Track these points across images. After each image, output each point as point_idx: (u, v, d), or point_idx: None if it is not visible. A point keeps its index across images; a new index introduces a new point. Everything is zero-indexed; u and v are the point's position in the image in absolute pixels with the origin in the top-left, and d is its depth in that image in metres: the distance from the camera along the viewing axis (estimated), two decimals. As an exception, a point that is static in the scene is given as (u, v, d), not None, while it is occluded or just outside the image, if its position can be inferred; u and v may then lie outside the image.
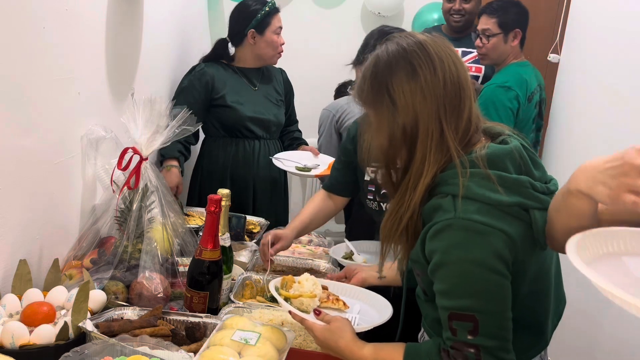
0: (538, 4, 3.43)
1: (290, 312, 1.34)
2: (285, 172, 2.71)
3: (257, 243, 2.10)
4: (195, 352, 1.27)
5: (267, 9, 2.51)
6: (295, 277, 1.49)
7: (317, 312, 1.33)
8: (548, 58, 2.94)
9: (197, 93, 2.48)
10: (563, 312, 1.32)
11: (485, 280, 1.05)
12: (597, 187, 0.89)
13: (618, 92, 2.01)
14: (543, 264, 1.18)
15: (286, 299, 1.40)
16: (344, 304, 1.51)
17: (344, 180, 1.92)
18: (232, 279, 1.67)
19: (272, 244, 1.79)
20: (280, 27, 2.57)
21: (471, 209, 1.07)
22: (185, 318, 1.43)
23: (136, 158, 1.65)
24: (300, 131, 2.82)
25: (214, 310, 1.52)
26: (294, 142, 2.74)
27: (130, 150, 1.65)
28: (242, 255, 1.95)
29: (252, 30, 2.51)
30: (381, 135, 1.17)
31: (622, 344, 1.77)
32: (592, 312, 1.99)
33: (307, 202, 1.96)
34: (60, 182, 1.62)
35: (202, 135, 2.63)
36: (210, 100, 2.51)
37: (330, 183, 1.96)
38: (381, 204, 1.84)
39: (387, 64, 1.15)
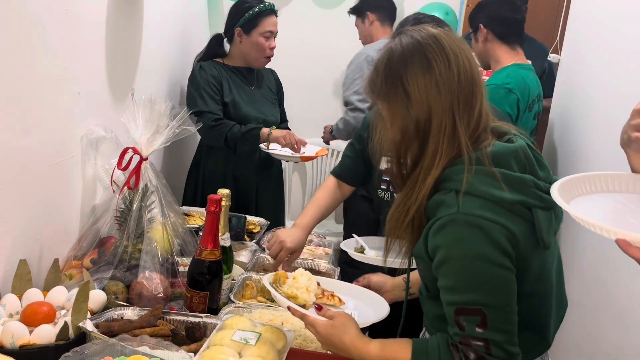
0: (538, 4, 3.43)
1: (289, 307, 1.30)
2: (282, 171, 2.73)
3: (257, 243, 2.10)
4: (195, 352, 1.27)
5: (256, 9, 2.46)
6: (289, 273, 1.44)
7: (319, 308, 1.29)
8: (548, 58, 2.94)
9: (216, 89, 2.47)
10: (564, 316, 1.32)
11: (490, 273, 1.06)
12: (623, 136, 1.06)
13: (618, 92, 2.01)
14: (545, 264, 1.18)
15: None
16: (340, 299, 1.47)
17: (355, 169, 1.88)
18: (232, 279, 1.67)
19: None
20: (271, 32, 2.49)
21: (474, 204, 1.07)
22: (185, 318, 1.43)
23: (136, 158, 1.65)
24: (289, 129, 2.81)
25: (214, 310, 1.52)
26: None
27: (130, 150, 1.65)
28: (242, 255, 1.95)
29: (239, 28, 2.49)
30: (394, 128, 1.16)
31: (623, 345, 1.77)
32: (593, 313, 1.99)
33: (317, 193, 1.89)
34: (60, 182, 1.62)
35: (197, 136, 2.62)
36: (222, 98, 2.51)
37: (340, 170, 1.91)
38: (394, 194, 1.80)
39: (401, 57, 1.14)
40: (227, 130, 2.41)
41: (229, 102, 2.50)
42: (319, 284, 1.46)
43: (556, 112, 2.68)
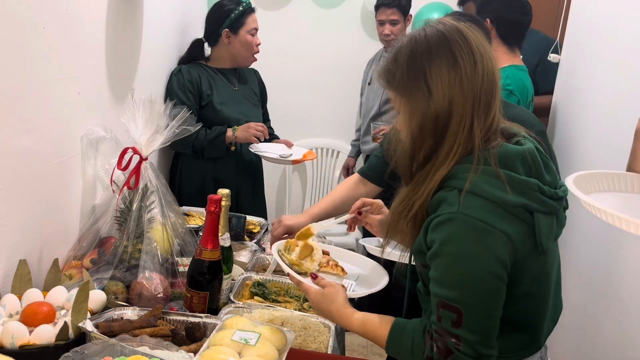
0: (538, 4, 3.43)
1: (288, 274, 1.41)
2: (262, 171, 2.75)
3: (257, 243, 2.10)
4: (195, 352, 1.27)
5: (240, 8, 2.52)
6: (298, 241, 1.55)
7: (314, 276, 1.37)
8: (548, 58, 2.93)
9: (191, 94, 2.49)
10: (559, 319, 1.32)
11: (477, 277, 1.05)
12: None
13: (618, 92, 2.01)
14: (543, 267, 1.17)
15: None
16: (343, 270, 1.57)
17: (382, 170, 1.85)
18: (232, 279, 1.67)
19: (284, 235, 1.79)
20: (256, 29, 2.57)
21: (475, 205, 1.07)
22: (185, 318, 1.43)
23: (136, 158, 1.66)
24: (272, 128, 2.81)
25: (214, 310, 1.52)
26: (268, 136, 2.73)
27: (130, 150, 1.65)
28: (242, 255, 1.95)
29: (227, 29, 2.52)
30: (412, 122, 1.14)
31: (622, 345, 1.77)
32: (592, 313, 1.99)
33: (338, 186, 1.93)
34: (60, 182, 1.62)
35: None
36: (200, 101, 2.52)
37: (367, 169, 1.92)
38: None
39: (426, 50, 1.11)
40: (193, 138, 2.42)
41: (209, 104, 2.51)
42: (328, 253, 1.59)
43: (556, 112, 2.68)
